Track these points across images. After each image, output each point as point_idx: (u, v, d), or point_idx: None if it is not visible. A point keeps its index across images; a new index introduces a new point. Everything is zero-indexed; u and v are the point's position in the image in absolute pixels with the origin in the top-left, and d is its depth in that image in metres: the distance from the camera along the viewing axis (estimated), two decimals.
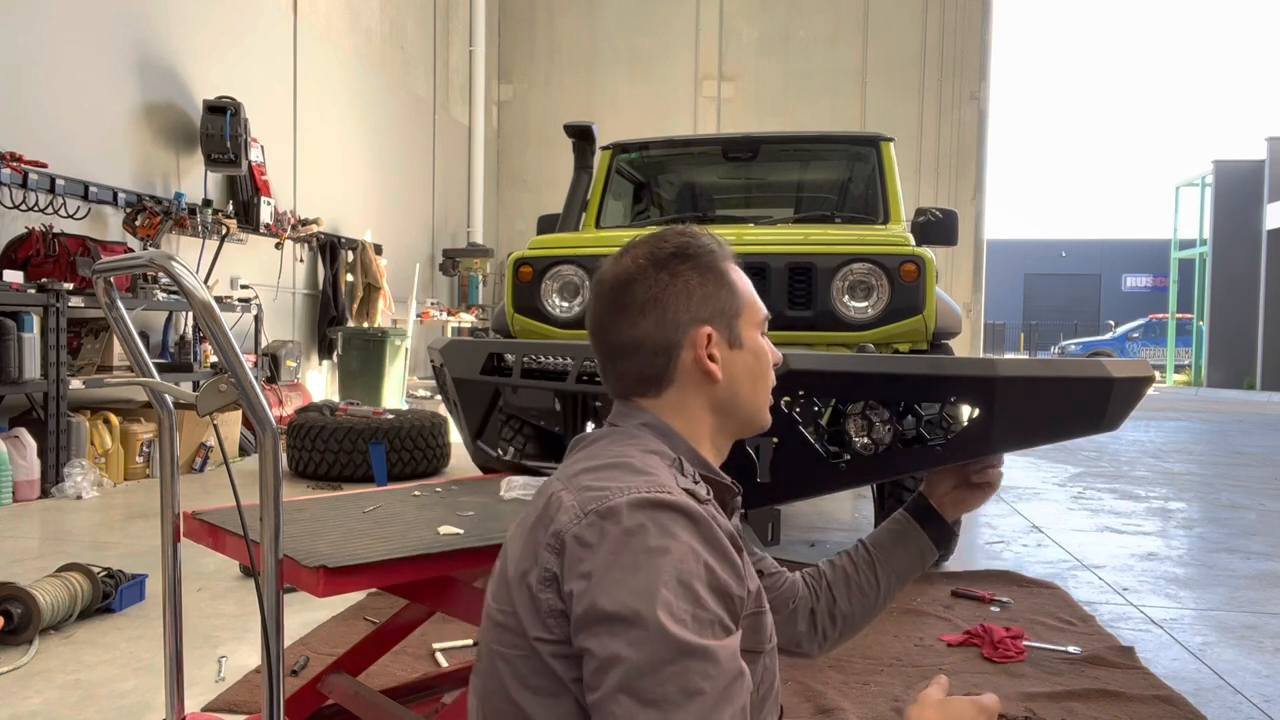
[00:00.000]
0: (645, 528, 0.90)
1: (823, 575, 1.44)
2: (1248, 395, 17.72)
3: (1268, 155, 19.30)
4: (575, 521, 0.93)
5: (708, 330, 1.12)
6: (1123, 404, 1.74)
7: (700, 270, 1.14)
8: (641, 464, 1.00)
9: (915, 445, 1.88)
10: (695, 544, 0.91)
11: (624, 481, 0.96)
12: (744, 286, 1.17)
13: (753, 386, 1.17)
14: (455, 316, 10.44)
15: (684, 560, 0.89)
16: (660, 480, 0.97)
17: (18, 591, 2.63)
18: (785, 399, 1.93)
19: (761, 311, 1.19)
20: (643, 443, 1.07)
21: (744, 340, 1.16)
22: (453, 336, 8.07)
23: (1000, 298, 32.45)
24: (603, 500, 0.93)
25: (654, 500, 0.92)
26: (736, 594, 0.92)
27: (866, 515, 4.75)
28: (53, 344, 4.83)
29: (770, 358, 1.19)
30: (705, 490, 1.03)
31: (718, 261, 1.16)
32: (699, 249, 1.15)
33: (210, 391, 1.35)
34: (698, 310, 1.13)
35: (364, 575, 1.49)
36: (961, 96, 11.80)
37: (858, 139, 4.89)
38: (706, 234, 1.18)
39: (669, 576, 0.87)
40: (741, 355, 1.16)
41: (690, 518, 0.92)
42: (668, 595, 0.86)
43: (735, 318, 1.15)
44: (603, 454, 1.04)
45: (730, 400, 1.15)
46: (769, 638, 1.08)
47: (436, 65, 10.97)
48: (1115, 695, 2.39)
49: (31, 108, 5.30)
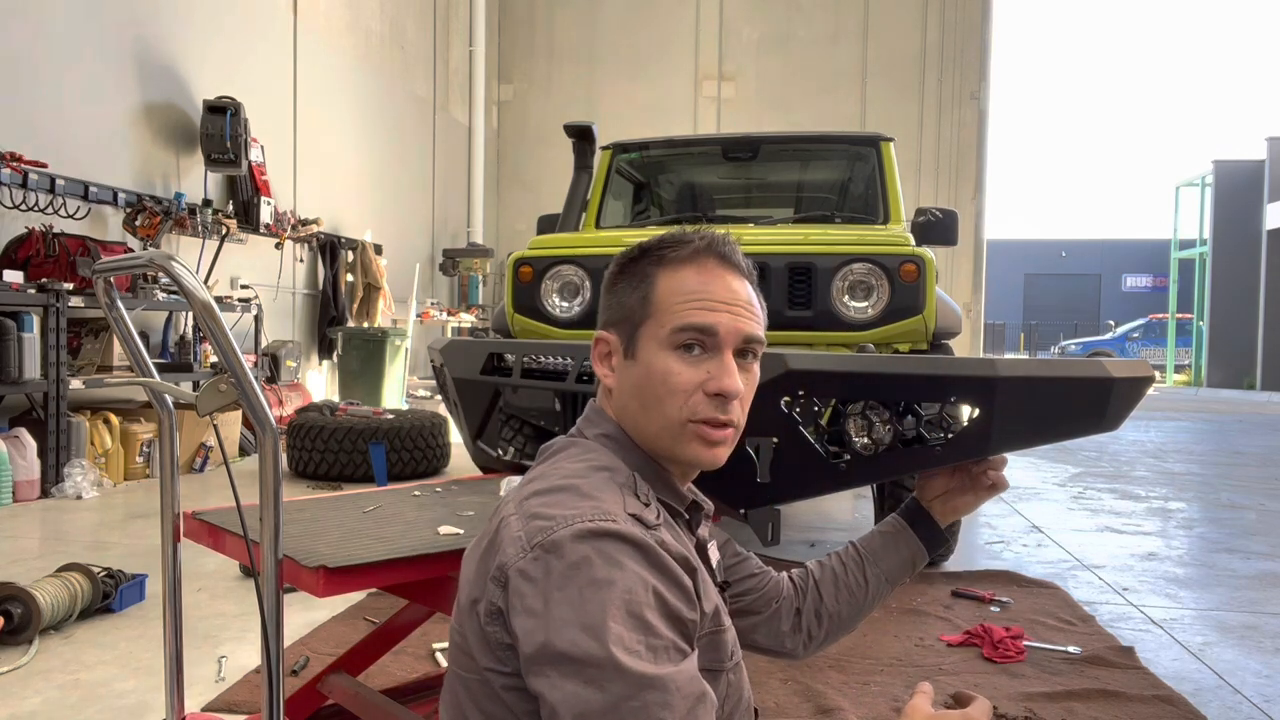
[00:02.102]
0: (590, 560, 0.87)
1: (810, 575, 1.42)
2: (1248, 395, 17.71)
3: (1268, 155, 19.29)
4: (520, 555, 0.90)
5: (603, 334, 1.08)
6: (1123, 404, 1.74)
7: (634, 269, 1.07)
8: (589, 487, 0.96)
9: (915, 445, 1.88)
10: (642, 572, 0.87)
11: (569, 509, 0.92)
12: (668, 293, 1.03)
13: (640, 407, 1.04)
14: (455, 316, 10.44)
15: (632, 590, 0.86)
16: (605, 507, 0.92)
17: (18, 591, 2.63)
18: (785, 399, 1.93)
19: (674, 323, 1.02)
20: (597, 459, 1.03)
21: (638, 353, 1.04)
22: (453, 336, 8.07)
23: (1000, 298, 32.44)
24: (547, 532, 0.90)
25: (597, 530, 0.89)
26: (689, 618, 0.89)
27: (866, 515, 4.75)
28: (53, 344, 4.83)
29: (681, 380, 1.01)
30: (656, 513, 0.98)
31: (660, 263, 1.05)
32: (665, 245, 1.07)
33: (210, 391, 1.35)
34: (609, 312, 1.08)
35: (364, 575, 1.49)
36: (961, 96, 11.80)
37: (858, 139, 4.89)
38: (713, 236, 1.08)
39: (617, 608, 0.84)
40: (632, 369, 1.05)
41: (636, 546, 0.89)
42: (618, 628, 0.83)
43: (638, 325, 1.05)
44: (555, 473, 1.01)
45: (622, 415, 1.07)
46: (730, 655, 1.03)
47: (436, 65, 10.96)
48: (1115, 695, 2.39)
49: (31, 108, 5.30)
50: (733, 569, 1.35)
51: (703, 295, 1.04)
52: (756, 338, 1.06)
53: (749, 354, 1.07)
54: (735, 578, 1.35)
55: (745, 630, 1.34)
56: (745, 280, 1.08)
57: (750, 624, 1.35)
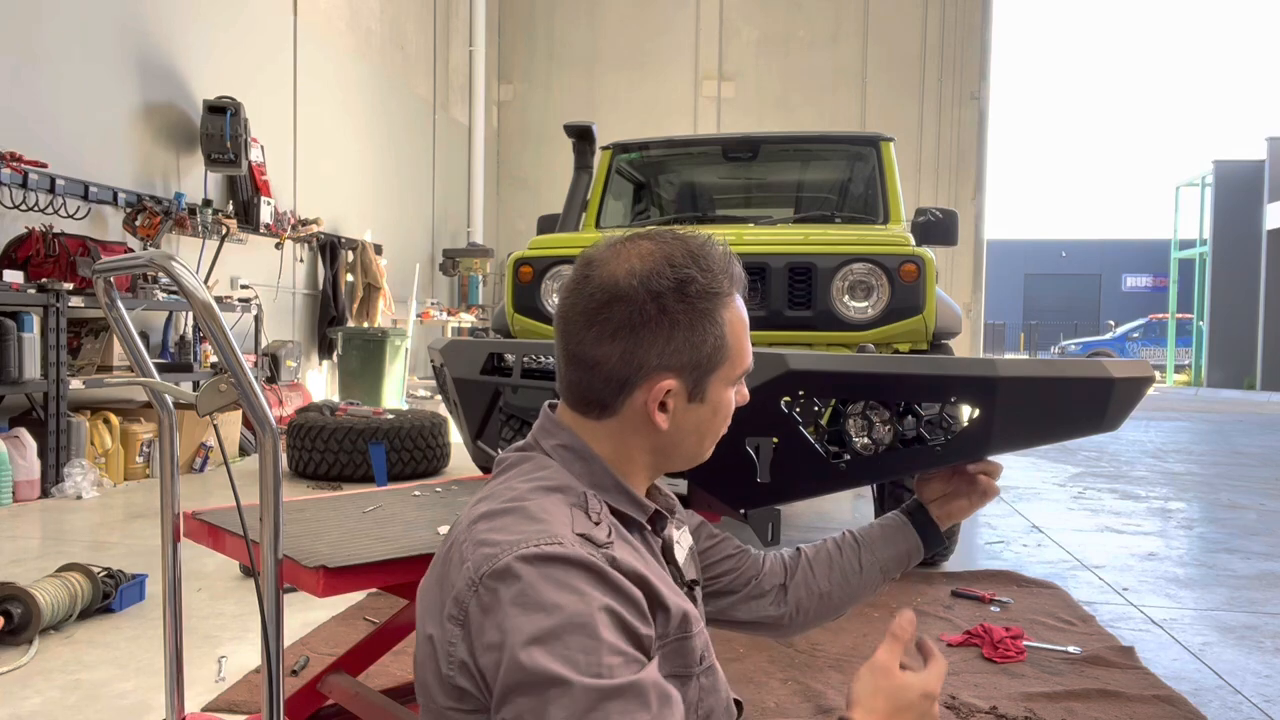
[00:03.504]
0: (536, 585, 0.87)
1: (802, 554, 1.43)
2: (1248, 395, 17.71)
3: (1268, 155, 19.29)
4: (470, 588, 0.90)
5: (670, 383, 1.02)
6: (1123, 404, 1.74)
7: (693, 314, 1.02)
8: (537, 509, 0.95)
9: (915, 445, 1.88)
10: (593, 591, 0.87)
11: (515, 534, 0.91)
12: (734, 335, 1.05)
13: (700, 439, 1.09)
14: (455, 316, 10.44)
15: (583, 611, 0.86)
16: (552, 530, 0.92)
17: (18, 591, 2.63)
18: (785, 399, 1.93)
19: (744, 365, 1.08)
20: (547, 478, 1.02)
21: (708, 395, 1.05)
22: (453, 336, 8.07)
23: (1000, 298, 32.46)
24: (493, 560, 0.90)
25: (544, 555, 0.89)
26: (644, 633, 0.89)
27: (866, 515, 4.75)
28: (53, 344, 4.83)
29: (732, 408, 1.10)
30: (607, 531, 0.97)
31: (717, 304, 1.03)
32: (703, 287, 1.02)
33: (210, 391, 1.35)
34: (670, 358, 1.01)
35: (364, 575, 1.49)
36: (961, 96, 11.80)
37: (858, 139, 4.89)
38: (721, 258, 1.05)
39: (570, 629, 0.84)
40: (698, 410, 1.06)
41: (584, 568, 0.89)
42: (570, 648, 0.83)
43: (708, 374, 1.04)
44: (505, 493, 1.00)
45: (670, 448, 1.08)
46: (699, 659, 1.03)
47: (436, 65, 10.96)
48: (1115, 695, 2.39)
49: (31, 108, 5.30)
50: (709, 551, 1.35)
51: (748, 326, 1.09)
52: None
53: None
54: (713, 559, 1.35)
55: (726, 609, 1.36)
56: None
57: (729, 602, 1.36)
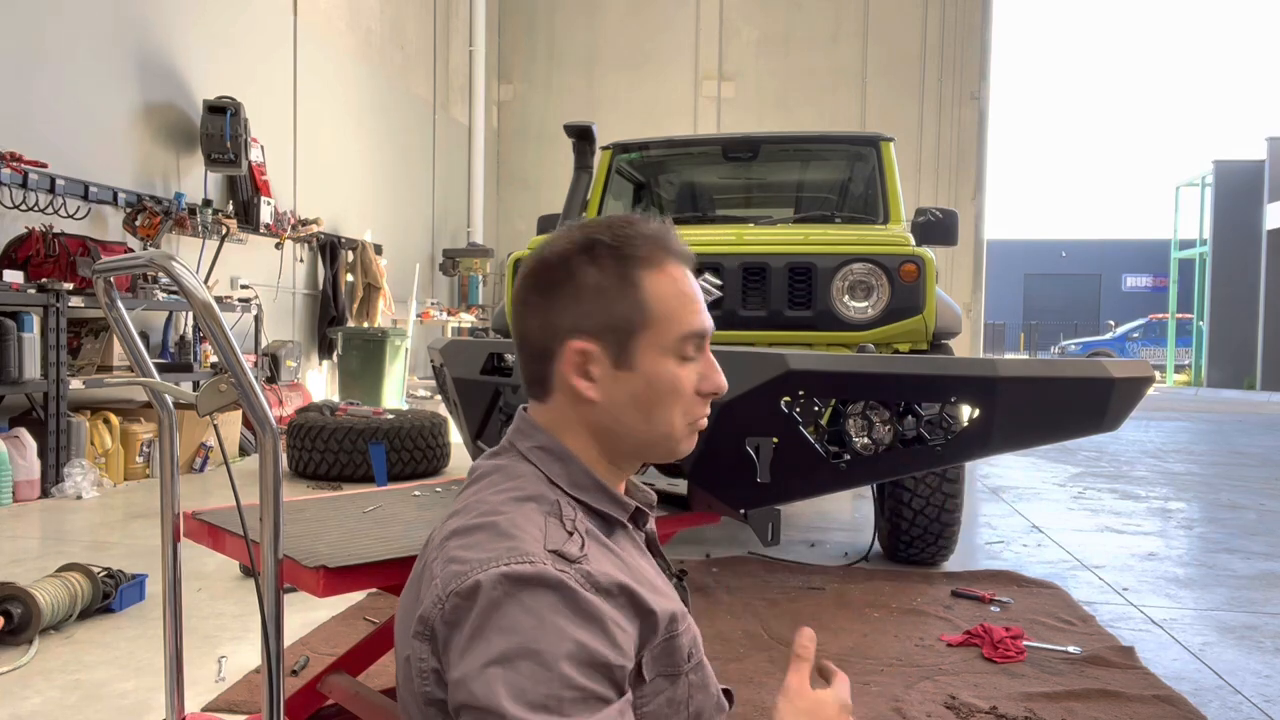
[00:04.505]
0: (500, 606, 0.85)
1: None
2: (1248, 395, 17.71)
3: (1268, 155, 19.29)
4: (436, 605, 0.89)
5: (583, 345, 0.99)
6: (1123, 404, 1.74)
7: (602, 275, 0.99)
8: (508, 524, 0.93)
9: (915, 445, 1.88)
10: (558, 619, 0.85)
11: (486, 551, 0.89)
12: (660, 298, 1.00)
13: (645, 416, 1.02)
14: (455, 316, 10.44)
15: (542, 638, 0.83)
16: (523, 547, 0.89)
17: (18, 591, 2.63)
18: (785, 399, 1.93)
19: (679, 331, 1.01)
20: (520, 485, 1.00)
21: (637, 363, 1.00)
22: (453, 336, 8.07)
23: (1000, 298, 32.45)
24: (461, 578, 0.88)
25: (512, 575, 0.86)
26: (614, 662, 0.86)
27: (866, 515, 4.75)
28: (53, 344, 4.83)
29: (680, 382, 1.02)
30: (580, 544, 0.93)
31: (632, 266, 1.00)
32: (612, 249, 1.00)
33: (210, 391, 1.35)
34: (581, 319, 0.99)
35: (364, 575, 1.49)
36: (961, 96, 11.80)
37: (857, 139, 4.89)
38: (649, 229, 1.02)
39: (525, 654, 0.82)
40: (629, 379, 1.00)
41: (553, 589, 0.86)
42: (522, 676, 0.81)
43: (631, 335, 0.99)
44: (476, 506, 0.98)
45: (612, 427, 1.02)
46: (688, 657, 0.99)
47: (436, 65, 10.96)
48: (1115, 695, 2.39)
49: (31, 108, 5.30)
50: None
51: (692, 297, 1.03)
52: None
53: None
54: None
55: None
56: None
57: None
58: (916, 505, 3.55)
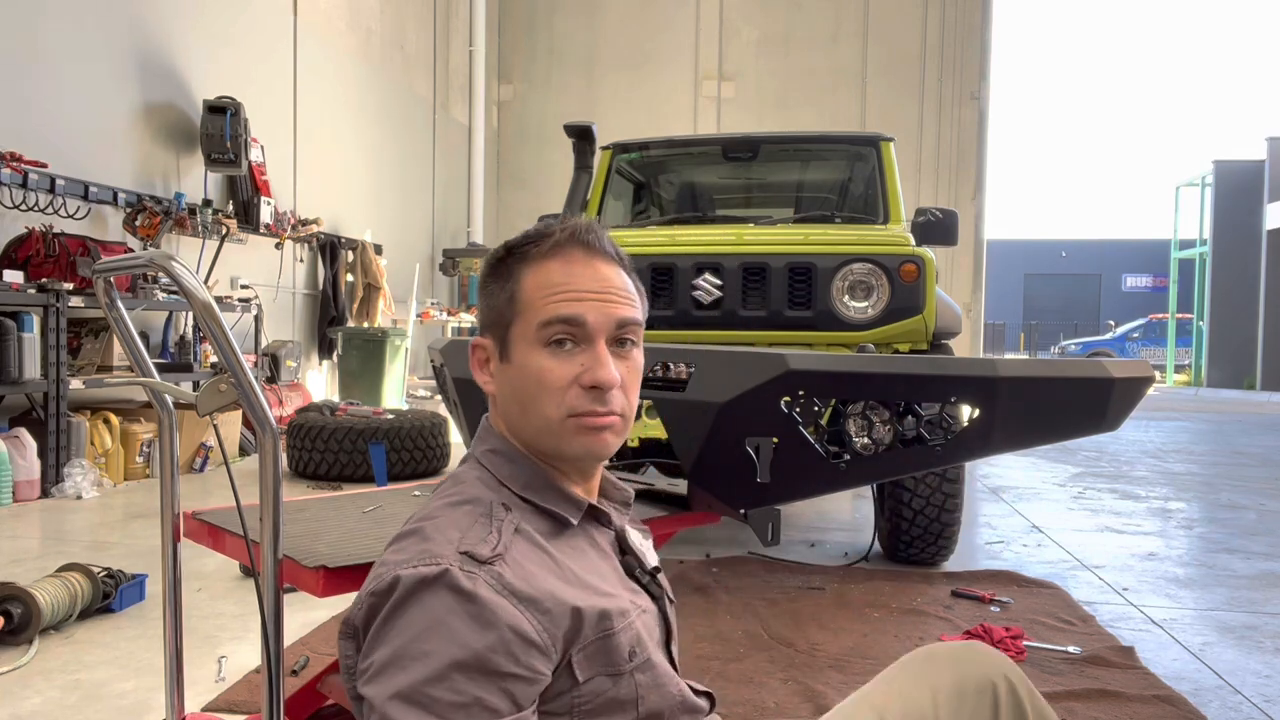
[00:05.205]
0: (403, 606, 0.87)
1: None
2: (1248, 395, 17.71)
3: (1268, 155, 19.29)
4: (358, 605, 0.91)
5: (480, 341, 1.06)
6: (1123, 404, 1.74)
7: (501, 270, 1.04)
8: (433, 528, 0.94)
9: (915, 445, 1.88)
10: (453, 621, 0.85)
11: (405, 554, 0.92)
12: (527, 289, 1.01)
13: (522, 409, 1.01)
14: (455, 316, 10.44)
15: (434, 641, 0.84)
16: (434, 549, 0.90)
17: (18, 591, 2.63)
18: (785, 399, 1.93)
19: (538, 318, 0.99)
20: (462, 490, 1.01)
21: (513, 355, 1.01)
22: (453, 336, 8.07)
23: (1000, 298, 32.46)
24: (378, 580, 0.91)
25: (418, 577, 0.88)
26: (508, 671, 0.85)
27: (866, 515, 4.75)
28: (53, 344, 4.83)
29: (554, 377, 0.98)
30: (494, 545, 0.92)
31: (521, 260, 1.03)
32: (520, 242, 1.04)
33: (210, 391, 1.35)
34: (483, 316, 1.07)
35: (364, 575, 1.47)
36: (961, 96, 11.80)
37: (857, 139, 4.89)
38: (565, 224, 1.04)
39: (414, 657, 0.84)
40: (508, 371, 1.02)
41: (455, 592, 0.86)
42: (411, 675, 0.83)
43: (507, 328, 1.02)
44: (421, 512, 1.00)
45: (509, 421, 1.05)
46: (629, 656, 0.97)
47: (436, 65, 10.97)
48: (1115, 695, 2.39)
49: (31, 108, 5.30)
50: None
51: (567, 286, 1.00)
52: (631, 320, 1.02)
53: (626, 341, 1.03)
54: None
55: None
56: (615, 265, 1.04)
57: None
58: (916, 505, 3.55)
